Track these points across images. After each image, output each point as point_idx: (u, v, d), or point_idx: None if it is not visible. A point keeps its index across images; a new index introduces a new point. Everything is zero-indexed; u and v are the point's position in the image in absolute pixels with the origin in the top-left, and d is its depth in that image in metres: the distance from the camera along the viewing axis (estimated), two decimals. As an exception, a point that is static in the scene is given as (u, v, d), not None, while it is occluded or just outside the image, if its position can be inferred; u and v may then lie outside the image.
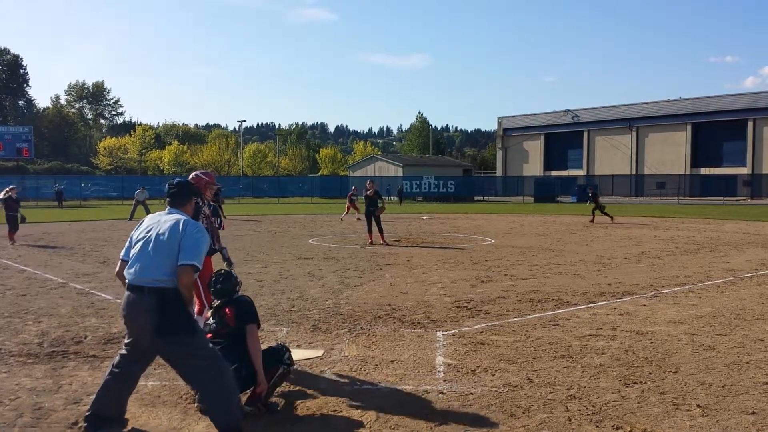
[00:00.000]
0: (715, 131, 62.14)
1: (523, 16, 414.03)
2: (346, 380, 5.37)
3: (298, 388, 5.18)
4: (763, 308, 8.38)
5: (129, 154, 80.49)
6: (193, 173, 6.16)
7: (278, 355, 4.74)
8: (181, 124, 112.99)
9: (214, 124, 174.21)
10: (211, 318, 4.78)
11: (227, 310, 4.68)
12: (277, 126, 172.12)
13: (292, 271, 11.92)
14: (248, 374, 4.51)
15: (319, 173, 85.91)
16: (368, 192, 17.38)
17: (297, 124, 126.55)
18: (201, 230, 4.27)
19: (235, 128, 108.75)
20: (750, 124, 59.43)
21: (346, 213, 28.91)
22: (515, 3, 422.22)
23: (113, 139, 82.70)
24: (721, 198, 51.72)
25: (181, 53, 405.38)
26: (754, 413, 4.55)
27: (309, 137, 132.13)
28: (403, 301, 8.93)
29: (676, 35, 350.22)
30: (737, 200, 52.13)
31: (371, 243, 16.91)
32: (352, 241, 17.98)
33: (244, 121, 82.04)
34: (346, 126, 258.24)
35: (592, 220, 26.57)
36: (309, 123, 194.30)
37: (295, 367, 5.62)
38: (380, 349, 6.33)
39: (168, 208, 4.41)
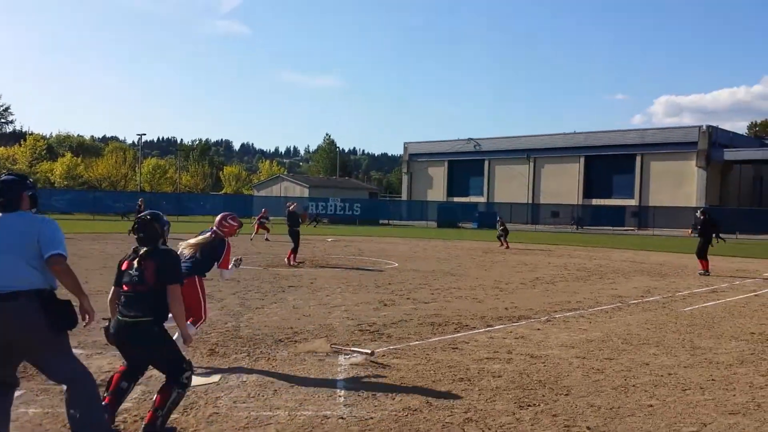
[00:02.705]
0: (606, 164, 65.86)
1: (432, 47, 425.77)
2: (244, 406, 5.22)
3: (192, 414, 4.98)
4: (649, 333, 8.89)
5: (18, 165, 75.71)
6: (226, 218, 6.95)
7: (177, 372, 4.46)
8: (75, 135, 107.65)
9: (112, 137, 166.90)
10: (133, 268, 4.45)
11: (149, 263, 4.41)
12: (179, 141, 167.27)
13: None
14: (160, 331, 4.40)
15: (223, 191, 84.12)
16: (290, 208, 18.31)
17: (200, 140, 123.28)
18: (49, 221, 4.10)
19: (134, 142, 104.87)
20: (638, 159, 63.40)
21: (255, 233, 28.42)
22: (425, 33, 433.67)
23: (1, 148, 77.67)
24: (611, 228, 54.71)
25: (80, 59, 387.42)
26: (637, 434, 4.78)
27: (213, 154, 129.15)
28: (305, 324, 8.82)
29: (572, 73, 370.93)
30: (625, 230, 55.29)
31: (297, 263, 17.10)
32: (255, 263, 17.66)
33: (144, 134, 79.22)
34: (252, 144, 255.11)
35: (507, 246, 27.17)
36: (213, 139, 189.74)
37: (189, 392, 5.43)
38: (280, 373, 6.21)
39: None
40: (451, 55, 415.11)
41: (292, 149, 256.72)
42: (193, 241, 6.61)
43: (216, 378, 6.01)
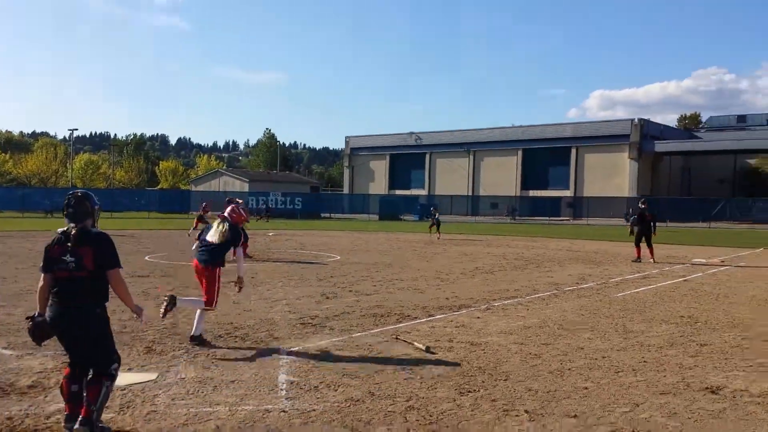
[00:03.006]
0: (543, 157, 67.48)
1: (373, 42, 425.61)
2: (183, 403, 5.12)
3: (129, 413, 4.85)
4: (583, 319, 9.16)
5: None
6: (237, 208, 7.93)
7: (107, 362, 4.38)
8: (3, 131, 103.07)
9: (42, 132, 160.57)
10: (68, 256, 4.32)
11: (85, 250, 4.31)
12: (113, 136, 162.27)
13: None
14: (103, 313, 4.40)
15: (159, 187, 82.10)
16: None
17: (135, 135, 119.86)
18: None
19: (65, 137, 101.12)
20: (573, 151, 65.21)
21: (194, 228, 27.77)
22: (364, 28, 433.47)
23: None
24: (547, 218, 56.09)
25: (8, 53, 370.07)
26: (575, 416, 4.92)
27: (148, 149, 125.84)
28: (246, 319, 8.72)
29: (510, 68, 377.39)
30: (561, 220, 56.81)
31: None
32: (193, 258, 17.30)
33: (76, 129, 76.38)
34: (189, 139, 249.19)
35: (438, 237, 28.05)
36: (149, 134, 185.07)
37: (125, 391, 5.30)
38: (220, 369, 6.12)
39: None
40: (391, 50, 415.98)
41: (231, 144, 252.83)
42: (218, 229, 7.42)
43: (153, 375, 5.87)
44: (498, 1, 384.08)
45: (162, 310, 6.85)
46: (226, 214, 7.72)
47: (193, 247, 7.68)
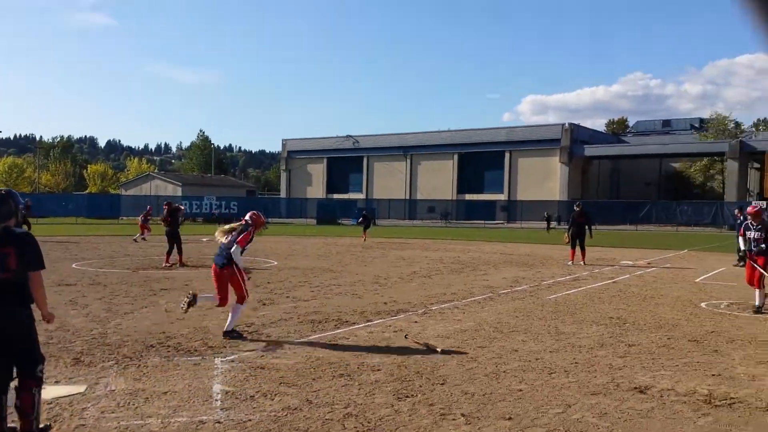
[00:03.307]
0: (479, 161, 68.62)
1: (310, 45, 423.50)
2: (113, 416, 4.94)
3: (56, 428, 4.65)
4: (517, 321, 9.34)
5: None
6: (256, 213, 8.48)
7: (34, 363, 4.28)
8: None
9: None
10: None
11: (9, 250, 4.19)
12: (38, 138, 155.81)
13: (50, 299, 10.69)
14: (31, 314, 4.33)
15: (87, 191, 79.33)
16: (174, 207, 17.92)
17: (62, 137, 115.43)
18: None
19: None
20: (507, 156, 66.57)
21: (141, 234, 26.94)
22: (302, 30, 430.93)
23: None
24: (483, 222, 57.05)
25: None
26: (510, 418, 5.00)
27: (76, 151, 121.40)
28: (179, 328, 8.50)
29: (446, 72, 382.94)
30: (496, 224, 57.86)
31: (172, 265, 16.47)
32: (123, 265, 16.80)
33: (-1, 131, 73.14)
34: (119, 141, 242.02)
35: (365, 239, 28.45)
36: (76, 136, 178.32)
37: (52, 404, 5.09)
38: (152, 380, 5.94)
39: None
40: (328, 53, 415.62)
41: (163, 146, 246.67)
42: (226, 227, 8.17)
43: (82, 388, 5.64)
44: (432, 5, 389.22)
45: (183, 306, 7.83)
46: (247, 218, 8.34)
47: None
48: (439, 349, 7.23)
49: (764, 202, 49.76)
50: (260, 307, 10.28)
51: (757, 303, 10.35)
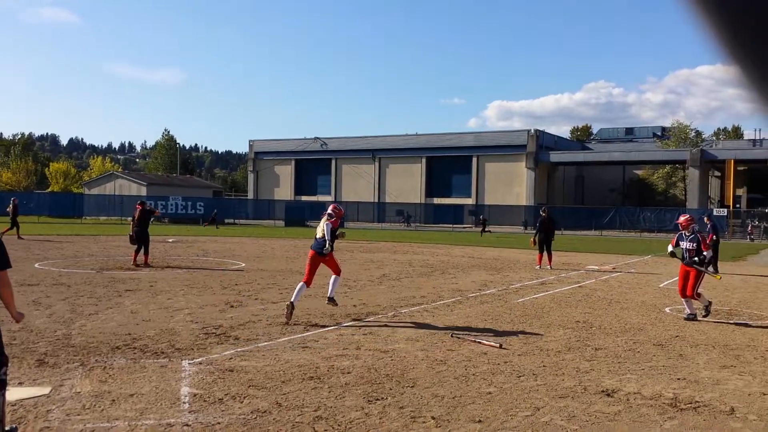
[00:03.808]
0: (446, 165, 68.99)
1: (277, 45, 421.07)
2: (78, 418, 4.83)
3: (20, 431, 4.53)
4: (486, 324, 9.40)
5: None
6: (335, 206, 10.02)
7: None
8: None
9: None
10: None
11: None
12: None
13: (12, 300, 10.49)
14: None
15: (49, 189, 77.61)
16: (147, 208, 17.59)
17: (23, 134, 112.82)
18: None
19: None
20: (474, 160, 67.04)
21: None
22: (269, 30, 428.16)
23: None
24: (451, 225, 57.35)
25: None
26: (480, 421, 5.03)
27: (37, 149, 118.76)
28: (145, 329, 8.36)
29: (413, 76, 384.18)
30: (464, 228, 58.21)
31: (139, 265, 16.23)
32: (87, 265, 16.46)
33: (-44, 127, 71.22)
34: (82, 139, 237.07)
35: None
36: (37, 133, 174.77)
37: (16, 407, 4.96)
38: (118, 382, 5.83)
39: None
40: (296, 54, 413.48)
41: (127, 145, 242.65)
42: (323, 225, 9.73)
43: (46, 390, 5.51)
44: (399, 9, 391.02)
45: (286, 319, 8.93)
46: (330, 211, 9.80)
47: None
48: (497, 345, 7.57)
49: (725, 209, 51.05)
50: (228, 309, 10.18)
51: (689, 311, 10.38)
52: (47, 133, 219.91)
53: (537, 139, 64.10)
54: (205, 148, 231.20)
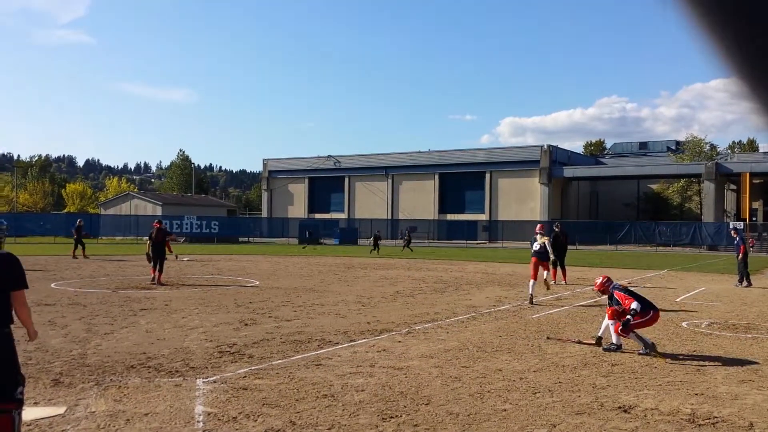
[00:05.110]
0: (459, 181, 68.97)
1: (290, 63, 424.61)
2: (92, 439, 4.85)
3: (32, 453, 4.55)
4: (501, 341, 9.34)
5: None
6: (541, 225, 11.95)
7: (13, 384, 4.19)
8: None
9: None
10: None
11: None
12: (16, 157, 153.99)
13: (29, 320, 10.57)
14: (10, 333, 4.23)
15: (66, 210, 78.42)
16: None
17: (40, 156, 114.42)
18: None
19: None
20: (487, 176, 66.98)
21: (170, 252, 26.57)
22: (281, 49, 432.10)
23: None
24: (464, 241, 57.20)
25: None
26: (494, 437, 4.99)
27: (54, 171, 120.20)
28: (159, 348, 8.39)
29: (425, 94, 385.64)
30: (477, 243, 58.03)
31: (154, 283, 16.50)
32: (102, 285, 16.58)
33: (-25, 149, 72.22)
34: (98, 160, 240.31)
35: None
36: (54, 155, 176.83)
37: (32, 427, 4.98)
38: (133, 402, 5.85)
39: None
40: (309, 73, 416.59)
41: (143, 165, 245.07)
42: (540, 241, 14.12)
43: (61, 410, 5.54)
44: (412, 28, 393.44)
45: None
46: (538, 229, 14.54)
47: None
48: (593, 341, 7.84)
49: (741, 223, 50.52)
50: (242, 327, 10.19)
51: (599, 333, 9.10)
52: (64, 155, 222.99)
53: (550, 155, 63.94)
54: (220, 167, 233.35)
